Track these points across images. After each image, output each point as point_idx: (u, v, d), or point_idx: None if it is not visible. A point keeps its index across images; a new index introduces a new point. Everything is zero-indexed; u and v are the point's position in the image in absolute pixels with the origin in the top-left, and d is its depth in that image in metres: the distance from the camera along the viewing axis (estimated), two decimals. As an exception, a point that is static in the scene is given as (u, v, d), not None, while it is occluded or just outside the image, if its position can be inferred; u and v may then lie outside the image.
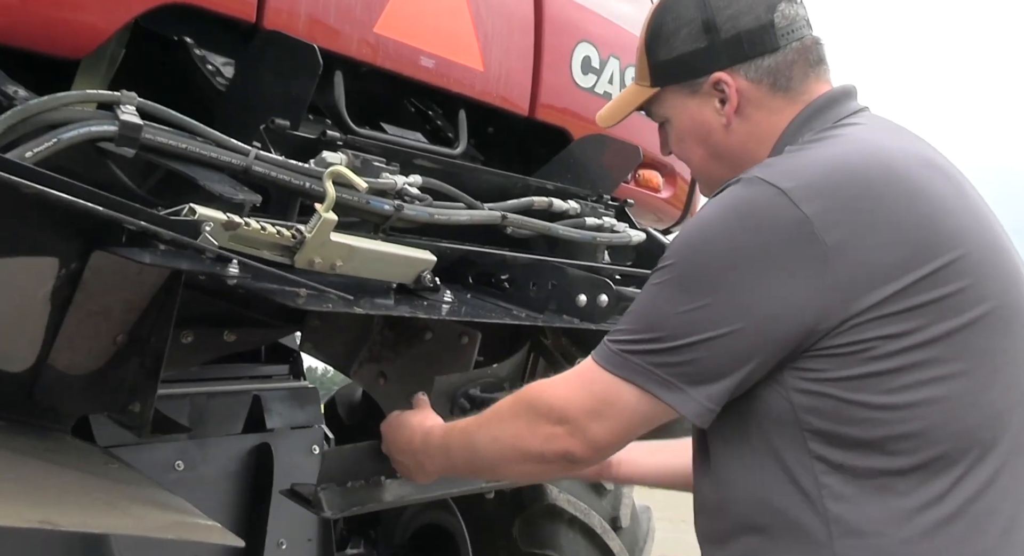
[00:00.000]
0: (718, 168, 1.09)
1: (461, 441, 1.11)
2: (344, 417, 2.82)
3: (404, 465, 1.22)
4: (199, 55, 1.46)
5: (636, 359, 0.94)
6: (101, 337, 1.11)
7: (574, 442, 0.97)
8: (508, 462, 1.06)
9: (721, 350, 0.91)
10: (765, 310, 0.90)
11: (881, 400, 0.89)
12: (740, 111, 1.05)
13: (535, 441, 0.99)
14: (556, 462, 1.00)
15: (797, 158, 0.98)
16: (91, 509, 0.88)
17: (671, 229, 2.63)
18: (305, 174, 1.24)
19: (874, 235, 0.89)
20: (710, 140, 1.08)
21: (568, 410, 0.97)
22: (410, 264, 1.23)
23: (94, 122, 1.09)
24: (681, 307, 0.92)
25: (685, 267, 0.94)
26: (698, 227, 0.97)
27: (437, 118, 1.90)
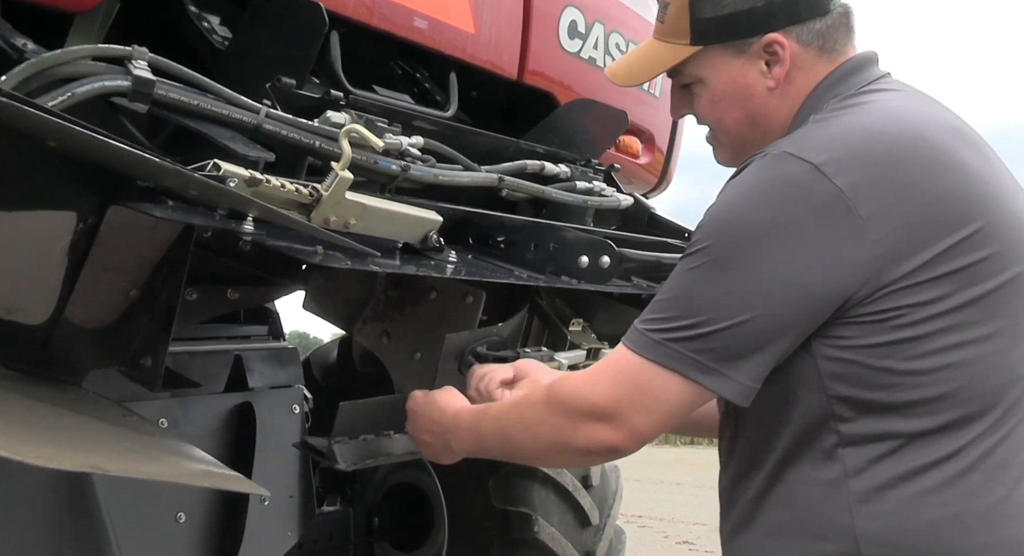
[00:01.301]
0: (751, 133, 1.07)
1: (495, 429, 1.10)
2: (319, 378, 2.84)
3: (429, 444, 1.20)
4: (194, 12, 1.44)
5: (677, 347, 0.93)
6: (115, 292, 1.12)
7: (619, 436, 0.96)
8: (550, 455, 1.06)
9: (762, 328, 0.91)
10: (804, 285, 0.90)
11: (907, 366, 0.91)
12: (787, 76, 1.04)
13: (579, 439, 0.99)
14: (601, 454, 1.00)
15: (826, 129, 0.97)
16: (128, 456, 0.91)
17: (648, 195, 2.68)
18: (315, 133, 1.25)
19: (906, 205, 0.90)
20: (751, 103, 1.05)
21: (611, 406, 0.96)
22: (419, 224, 1.26)
23: (108, 76, 1.08)
24: (720, 289, 0.92)
25: (720, 248, 0.93)
26: (729, 205, 0.96)
27: (425, 80, 1.90)
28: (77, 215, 1.03)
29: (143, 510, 1.69)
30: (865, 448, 0.93)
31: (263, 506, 2.26)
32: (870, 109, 1.00)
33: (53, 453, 0.73)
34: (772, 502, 0.99)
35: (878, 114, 0.99)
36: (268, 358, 2.44)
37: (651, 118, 2.48)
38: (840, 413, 0.94)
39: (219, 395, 2.24)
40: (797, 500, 0.96)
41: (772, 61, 1.04)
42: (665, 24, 1.10)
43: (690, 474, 9.07)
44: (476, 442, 1.14)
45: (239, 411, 2.26)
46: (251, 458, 2.20)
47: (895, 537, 0.91)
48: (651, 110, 2.47)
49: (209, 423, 2.20)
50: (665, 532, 6.54)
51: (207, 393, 2.23)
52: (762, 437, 1.00)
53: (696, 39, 1.06)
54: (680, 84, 1.12)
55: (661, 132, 2.55)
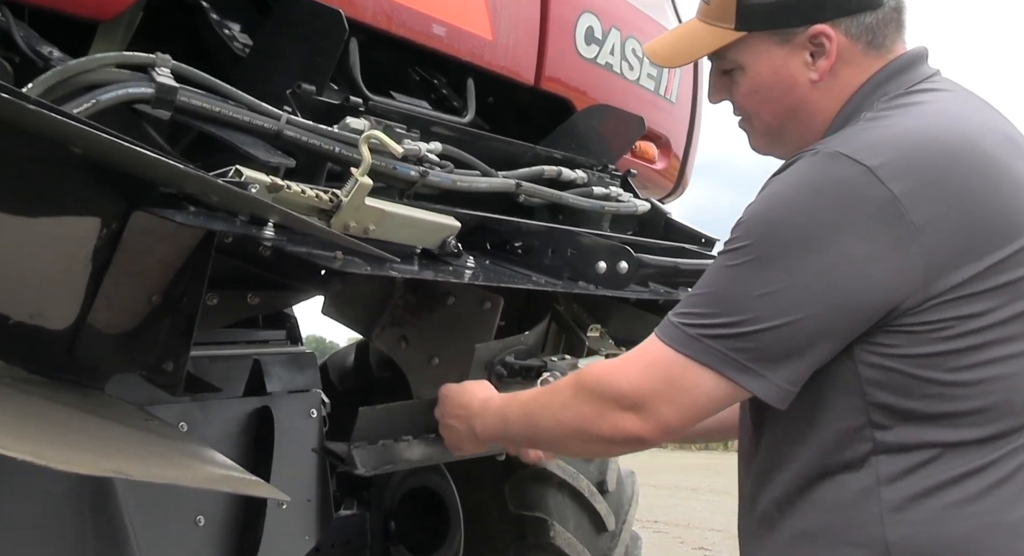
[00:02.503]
0: (790, 124, 1.04)
1: (520, 414, 1.09)
2: (336, 383, 2.85)
3: (455, 430, 1.20)
4: (216, 19, 1.46)
5: (714, 343, 0.91)
6: (137, 297, 1.13)
7: (646, 427, 0.95)
8: (573, 441, 1.05)
9: (804, 331, 0.89)
10: (850, 291, 0.88)
11: (950, 377, 0.90)
12: (832, 69, 1.00)
13: (604, 427, 0.97)
14: (625, 444, 0.98)
15: (879, 130, 0.94)
16: (151, 461, 0.91)
17: (663, 200, 2.68)
18: (335, 139, 1.26)
19: (959, 215, 0.88)
20: (791, 95, 1.02)
21: (640, 396, 0.94)
22: (437, 229, 1.26)
23: (132, 84, 1.09)
24: (761, 289, 0.89)
25: (765, 247, 0.90)
26: (776, 203, 0.92)
27: (443, 87, 1.91)
28: (101, 221, 1.05)
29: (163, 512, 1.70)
30: (900, 457, 0.92)
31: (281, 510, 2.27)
32: (925, 111, 0.97)
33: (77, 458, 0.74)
34: (800, 506, 0.97)
35: (934, 118, 0.96)
36: (286, 362, 2.46)
37: (667, 123, 2.47)
38: (877, 420, 0.93)
39: (238, 399, 2.26)
40: (827, 505, 0.95)
41: (817, 53, 1.01)
42: (711, 6, 1.07)
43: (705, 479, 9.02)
44: (501, 427, 1.12)
45: (257, 415, 2.27)
46: (269, 462, 2.22)
47: (927, 547, 0.90)
48: (667, 115, 2.47)
49: (228, 427, 2.22)
50: (681, 538, 6.50)
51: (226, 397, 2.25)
52: (792, 439, 0.98)
53: (741, 24, 1.03)
54: (721, 69, 1.09)
55: (677, 137, 2.55)
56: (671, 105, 2.49)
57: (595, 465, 2.71)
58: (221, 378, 2.24)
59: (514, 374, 1.34)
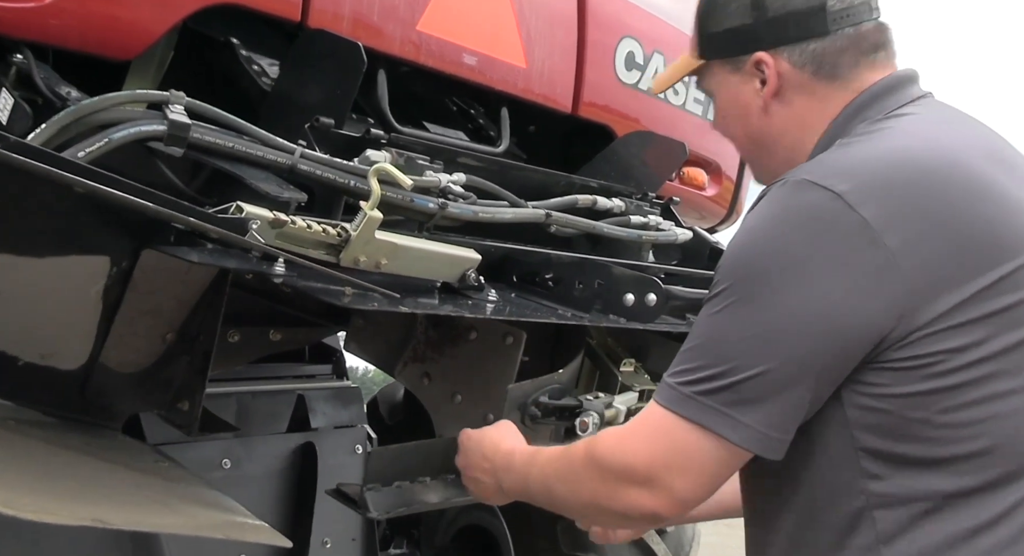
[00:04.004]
0: (757, 152, 1.05)
1: (539, 477, 1.05)
2: (386, 417, 2.83)
3: (481, 483, 1.15)
4: (245, 55, 1.47)
5: (707, 400, 0.86)
6: (151, 335, 1.12)
7: (660, 502, 0.89)
8: (590, 514, 1.03)
9: (787, 372, 0.84)
10: (831, 324, 0.83)
11: (942, 418, 0.84)
12: (780, 95, 1.00)
13: (618, 504, 0.92)
14: (643, 521, 0.95)
15: (848, 154, 0.91)
16: (142, 507, 0.89)
17: (716, 228, 2.58)
18: (350, 172, 1.24)
19: (937, 239, 0.83)
20: (749, 122, 1.03)
21: (649, 469, 0.89)
22: (455, 263, 1.22)
23: (144, 122, 1.10)
24: (741, 333, 0.85)
25: (741, 288, 0.86)
26: (747, 241, 0.90)
27: (479, 116, 1.89)
28: (111, 259, 1.04)
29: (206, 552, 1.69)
30: (897, 510, 0.84)
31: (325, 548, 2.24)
32: (898, 133, 0.92)
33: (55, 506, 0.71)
34: None
35: (907, 138, 0.91)
36: (330, 398, 2.45)
37: (717, 148, 2.39)
38: (869, 469, 0.86)
39: (282, 435, 2.26)
40: None
41: (764, 80, 1.01)
42: (692, 36, 1.11)
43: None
44: (523, 487, 1.08)
45: (301, 451, 2.26)
46: (312, 498, 2.20)
47: None
48: (717, 140, 2.38)
49: (271, 463, 2.21)
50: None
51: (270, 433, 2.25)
52: (784, 496, 0.92)
53: (702, 52, 1.07)
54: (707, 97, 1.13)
55: (729, 163, 2.46)
56: (721, 130, 2.40)
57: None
58: (265, 414, 2.25)
59: (548, 414, 1.27)
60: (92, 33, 1.19)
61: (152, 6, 1.25)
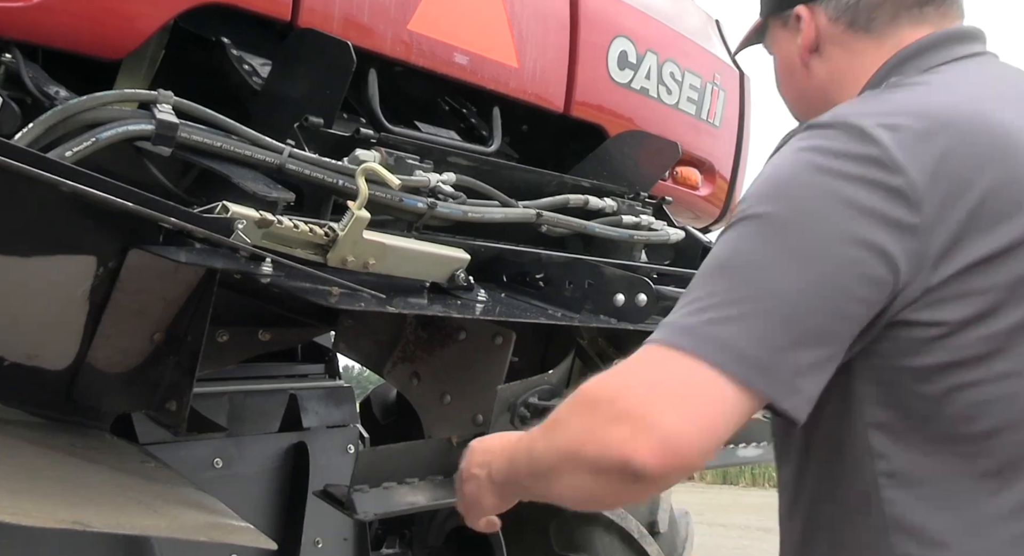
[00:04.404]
0: (806, 113, 1.01)
1: (526, 446, 0.90)
2: (379, 417, 2.82)
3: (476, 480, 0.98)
4: (236, 55, 1.47)
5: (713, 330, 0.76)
6: (138, 335, 1.12)
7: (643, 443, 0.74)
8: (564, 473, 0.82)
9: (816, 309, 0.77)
10: (857, 262, 0.77)
11: (951, 394, 0.80)
12: (819, 50, 0.99)
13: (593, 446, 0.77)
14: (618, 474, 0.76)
15: (874, 101, 0.89)
16: (126, 509, 0.88)
17: (710, 228, 2.58)
18: (338, 172, 1.24)
19: (963, 191, 0.79)
20: (794, 78, 1.03)
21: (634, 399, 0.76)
22: (444, 263, 1.22)
23: (131, 121, 1.09)
24: (760, 264, 0.78)
25: (754, 224, 0.81)
26: (774, 176, 0.85)
27: (471, 116, 1.88)
28: (97, 259, 1.04)
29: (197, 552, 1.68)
30: (907, 493, 0.82)
31: (316, 548, 2.24)
32: (930, 88, 0.89)
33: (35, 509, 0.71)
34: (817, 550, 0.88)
35: (938, 91, 0.88)
36: (323, 397, 2.44)
37: (711, 148, 2.39)
38: (877, 447, 0.82)
39: (274, 435, 2.26)
40: (843, 545, 0.86)
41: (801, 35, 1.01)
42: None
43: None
44: (508, 467, 0.93)
45: (293, 451, 2.26)
46: (304, 499, 2.19)
47: None
48: (710, 140, 2.39)
49: (263, 463, 2.21)
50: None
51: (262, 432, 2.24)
52: (803, 470, 0.89)
53: (761, 10, 1.07)
54: None
55: (722, 162, 2.45)
56: (714, 129, 2.40)
57: (645, 504, 2.60)
58: (257, 413, 2.24)
59: (537, 415, 1.27)
60: (81, 32, 1.19)
61: (142, 5, 1.25)
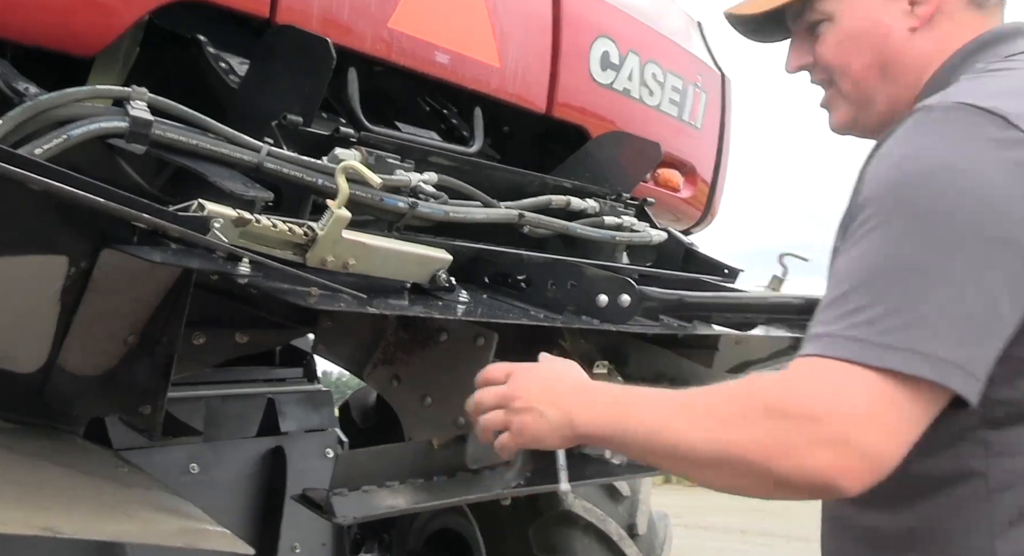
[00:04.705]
0: (878, 83, 0.96)
1: (652, 416, 0.85)
2: (358, 421, 2.80)
3: (536, 415, 0.93)
4: (212, 53, 1.44)
5: (892, 339, 0.74)
6: (111, 337, 1.09)
7: (848, 464, 0.75)
8: (724, 470, 0.81)
9: (981, 297, 0.76)
10: (1010, 239, 0.76)
11: None
12: (932, 18, 0.94)
13: (788, 464, 0.76)
14: (811, 490, 0.77)
15: (991, 84, 0.86)
16: (98, 515, 0.86)
17: (691, 230, 2.58)
18: (318, 170, 1.22)
19: None
20: (885, 44, 0.95)
21: (839, 422, 0.75)
22: (425, 263, 1.20)
23: (104, 118, 1.07)
24: (921, 259, 0.76)
25: (905, 213, 0.78)
26: (909, 165, 0.81)
27: (452, 116, 1.87)
28: (69, 259, 1.01)
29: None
30: (1013, 461, 0.80)
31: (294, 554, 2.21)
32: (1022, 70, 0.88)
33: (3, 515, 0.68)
34: (902, 514, 0.85)
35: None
36: (301, 401, 2.42)
37: (692, 150, 2.39)
38: (992, 417, 0.81)
39: (251, 439, 2.23)
40: (931, 515, 0.84)
41: (918, 3, 0.95)
42: None
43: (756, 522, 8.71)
44: (615, 424, 0.88)
45: (271, 455, 2.23)
46: (282, 503, 2.17)
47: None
48: (692, 142, 2.39)
49: (241, 468, 2.18)
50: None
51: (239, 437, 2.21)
52: None
53: None
54: (806, 24, 1.02)
55: (704, 164, 2.46)
56: (696, 131, 2.40)
57: (625, 507, 2.60)
58: (234, 418, 2.21)
59: None
60: (50, 27, 1.16)
61: (113, 0, 1.22)
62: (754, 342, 1.70)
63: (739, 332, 1.61)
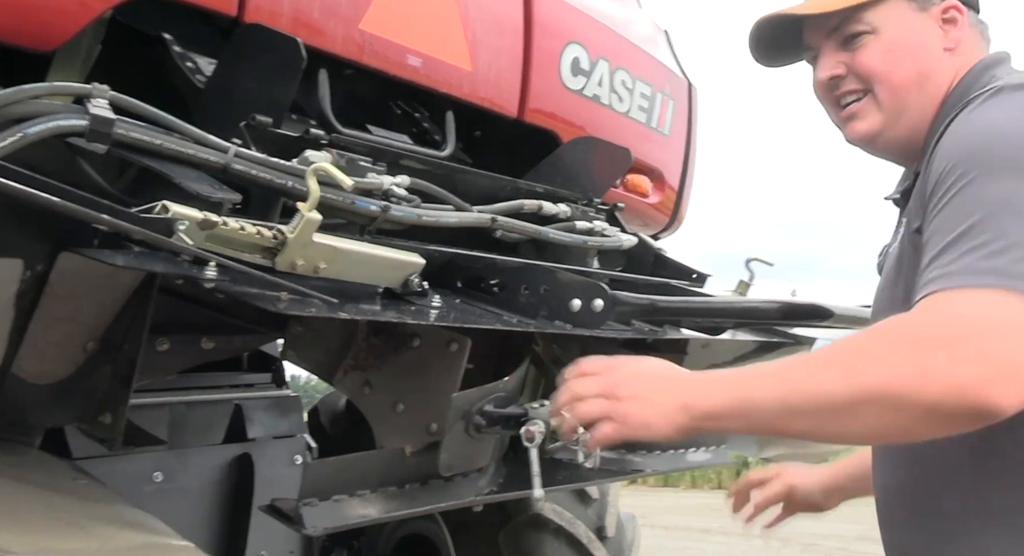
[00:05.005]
0: (915, 93, 1.07)
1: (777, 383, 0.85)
2: (327, 426, 2.76)
3: (646, 403, 0.92)
4: (178, 51, 1.41)
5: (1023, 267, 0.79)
6: (70, 344, 1.05)
7: (998, 378, 0.77)
8: (867, 412, 0.81)
9: None
10: None
11: None
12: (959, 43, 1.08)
13: (976, 396, 0.77)
14: (972, 415, 0.79)
15: None
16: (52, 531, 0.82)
17: (659, 235, 2.59)
18: (287, 172, 1.19)
19: None
20: (924, 59, 1.08)
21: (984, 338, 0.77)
22: (397, 267, 1.18)
23: (62, 116, 1.03)
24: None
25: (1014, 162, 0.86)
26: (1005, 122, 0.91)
27: (424, 120, 1.85)
28: (24, 262, 0.97)
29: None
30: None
31: (262, 563, 2.17)
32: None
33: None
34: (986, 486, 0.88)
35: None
36: (269, 407, 2.38)
37: (660, 156, 2.41)
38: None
39: (217, 446, 2.18)
40: None
41: (948, 27, 1.09)
42: None
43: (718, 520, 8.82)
44: (738, 397, 0.88)
45: (238, 463, 2.18)
46: (249, 512, 2.12)
47: None
48: (660, 148, 2.40)
49: (206, 476, 2.13)
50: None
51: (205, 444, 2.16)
52: None
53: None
54: (848, 33, 1.11)
55: (671, 170, 2.48)
56: (664, 138, 2.42)
57: (594, 509, 2.61)
58: (200, 425, 2.16)
59: (493, 423, 1.24)
60: (4, 22, 1.12)
61: (74, -5, 1.18)
62: (720, 345, 1.71)
63: (708, 336, 1.61)
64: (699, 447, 1.89)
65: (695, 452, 1.88)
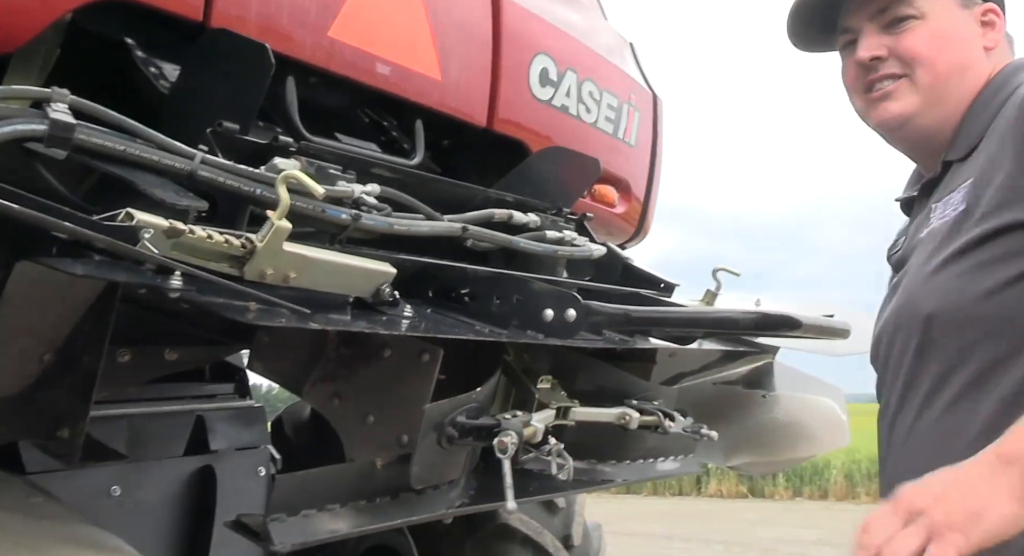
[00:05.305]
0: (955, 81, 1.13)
1: None
2: (292, 437, 2.72)
3: (996, 508, 0.78)
4: (141, 56, 1.38)
5: None
6: (25, 356, 1.02)
7: None
8: None
9: None
10: None
11: None
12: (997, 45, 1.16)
13: None
14: None
15: None
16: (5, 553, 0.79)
17: (625, 245, 2.61)
18: (256, 180, 1.17)
19: None
20: (967, 51, 1.14)
21: None
22: (369, 277, 1.17)
23: (20, 120, 0.99)
24: None
25: None
26: None
27: (392, 128, 1.84)
28: (-22, 272, 0.93)
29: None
30: None
31: (224, 578, 2.11)
32: None
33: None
34: None
35: None
36: (232, 418, 2.32)
37: (627, 167, 2.42)
38: None
39: (178, 459, 2.12)
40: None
41: (986, 29, 1.16)
42: None
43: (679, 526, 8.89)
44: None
45: (199, 475, 2.13)
46: (211, 525, 2.07)
47: None
48: (627, 159, 2.42)
49: (167, 489, 2.08)
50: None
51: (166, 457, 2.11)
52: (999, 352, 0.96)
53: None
54: (893, 16, 1.15)
55: (637, 181, 2.50)
56: (630, 148, 2.44)
57: (560, 518, 2.62)
58: (160, 437, 2.11)
59: (465, 435, 1.23)
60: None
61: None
62: (686, 355, 1.72)
63: (677, 346, 1.62)
64: (667, 456, 1.90)
65: (664, 462, 1.89)
